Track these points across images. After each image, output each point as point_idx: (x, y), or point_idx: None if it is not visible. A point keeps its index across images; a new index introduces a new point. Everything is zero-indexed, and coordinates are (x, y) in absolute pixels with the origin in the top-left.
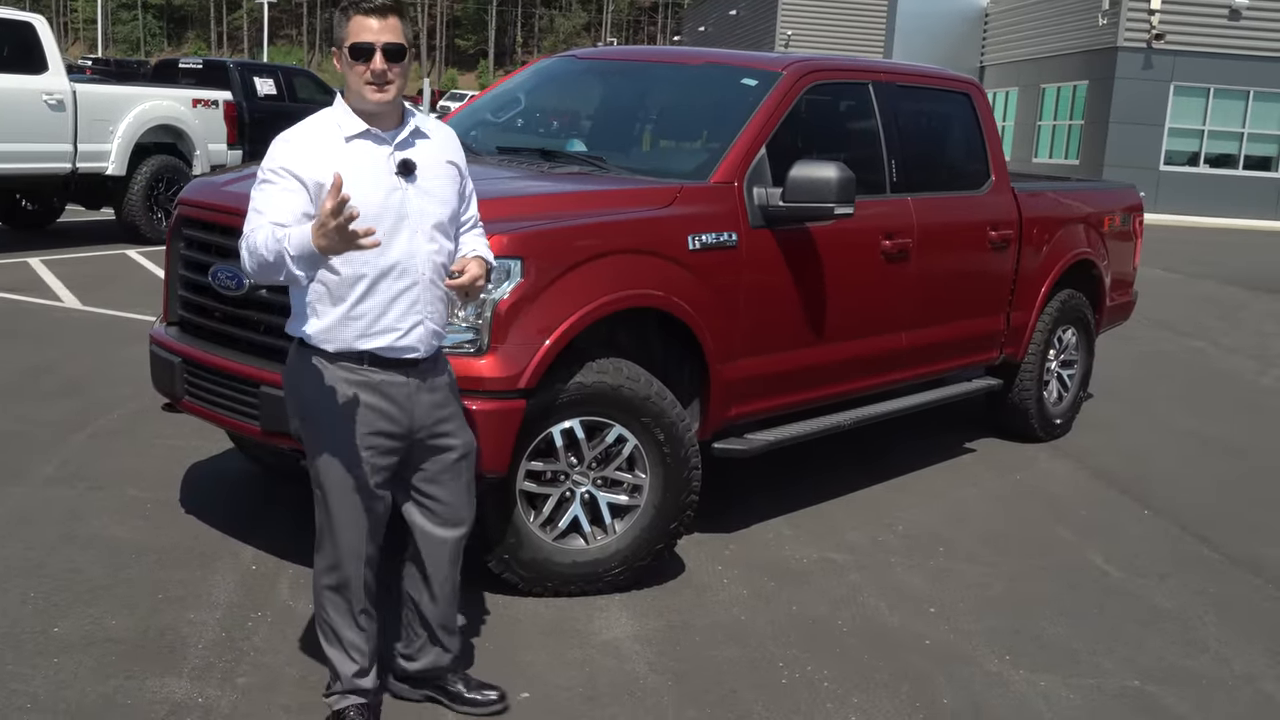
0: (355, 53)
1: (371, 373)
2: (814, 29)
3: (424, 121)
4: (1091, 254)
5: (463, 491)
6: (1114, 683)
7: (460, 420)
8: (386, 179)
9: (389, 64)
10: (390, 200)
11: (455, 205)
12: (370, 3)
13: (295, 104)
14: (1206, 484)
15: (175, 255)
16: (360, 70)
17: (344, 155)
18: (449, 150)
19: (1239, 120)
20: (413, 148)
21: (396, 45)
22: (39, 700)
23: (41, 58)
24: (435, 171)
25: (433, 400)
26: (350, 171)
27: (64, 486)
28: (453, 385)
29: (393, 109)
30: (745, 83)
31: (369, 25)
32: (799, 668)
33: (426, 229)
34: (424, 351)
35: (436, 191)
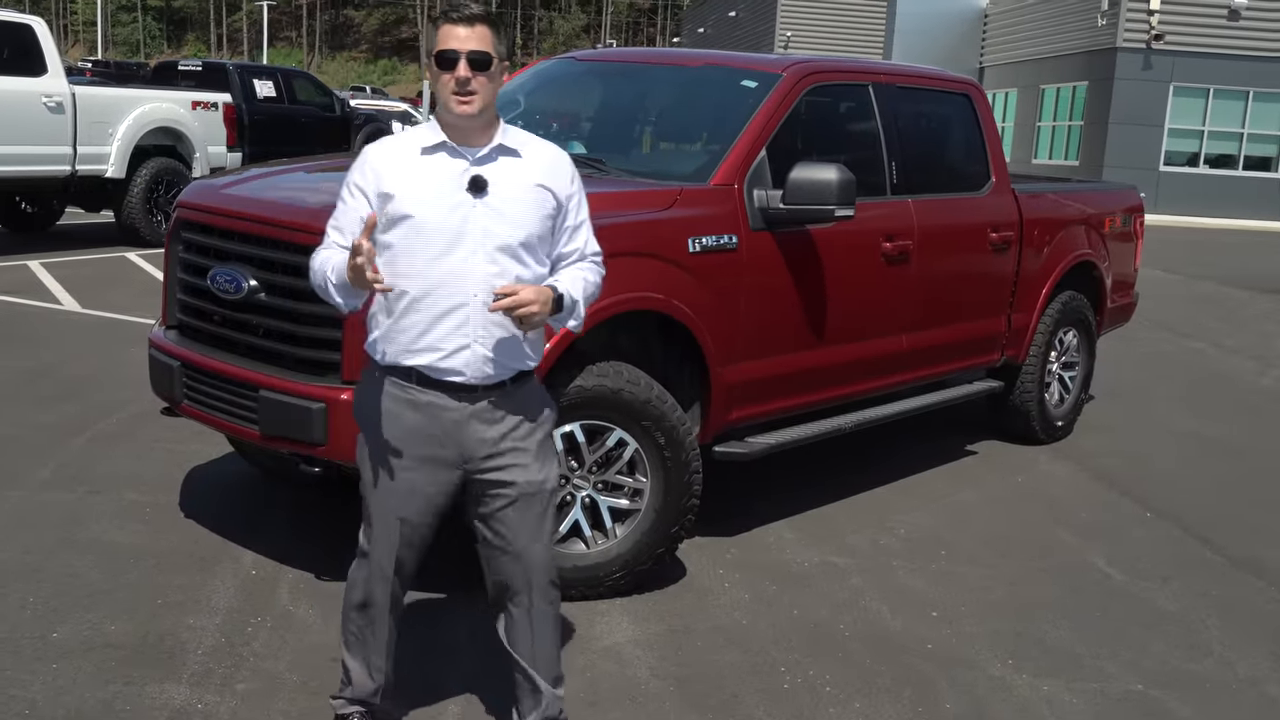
0: (440, 61)
1: (418, 392)
2: (813, 30)
3: (525, 141)
4: (1092, 255)
5: (523, 533)
6: (1117, 687)
7: (527, 460)
8: (453, 194)
9: (474, 73)
10: (452, 216)
11: (534, 230)
12: (459, 11)
13: (294, 106)
14: (1208, 486)
15: (174, 258)
16: (445, 79)
17: (415, 168)
18: (544, 174)
19: (1238, 120)
20: (492, 164)
21: (482, 54)
22: (37, 706)
23: (41, 60)
24: (514, 193)
25: (487, 434)
26: (418, 184)
27: (63, 490)
28: (530, 423)
29: (479, 123)
30: (745, 84)
31: (456, 33)
32: (801, 672)
33: (488, 249)
34: (472, 377)
35: (509, 213)
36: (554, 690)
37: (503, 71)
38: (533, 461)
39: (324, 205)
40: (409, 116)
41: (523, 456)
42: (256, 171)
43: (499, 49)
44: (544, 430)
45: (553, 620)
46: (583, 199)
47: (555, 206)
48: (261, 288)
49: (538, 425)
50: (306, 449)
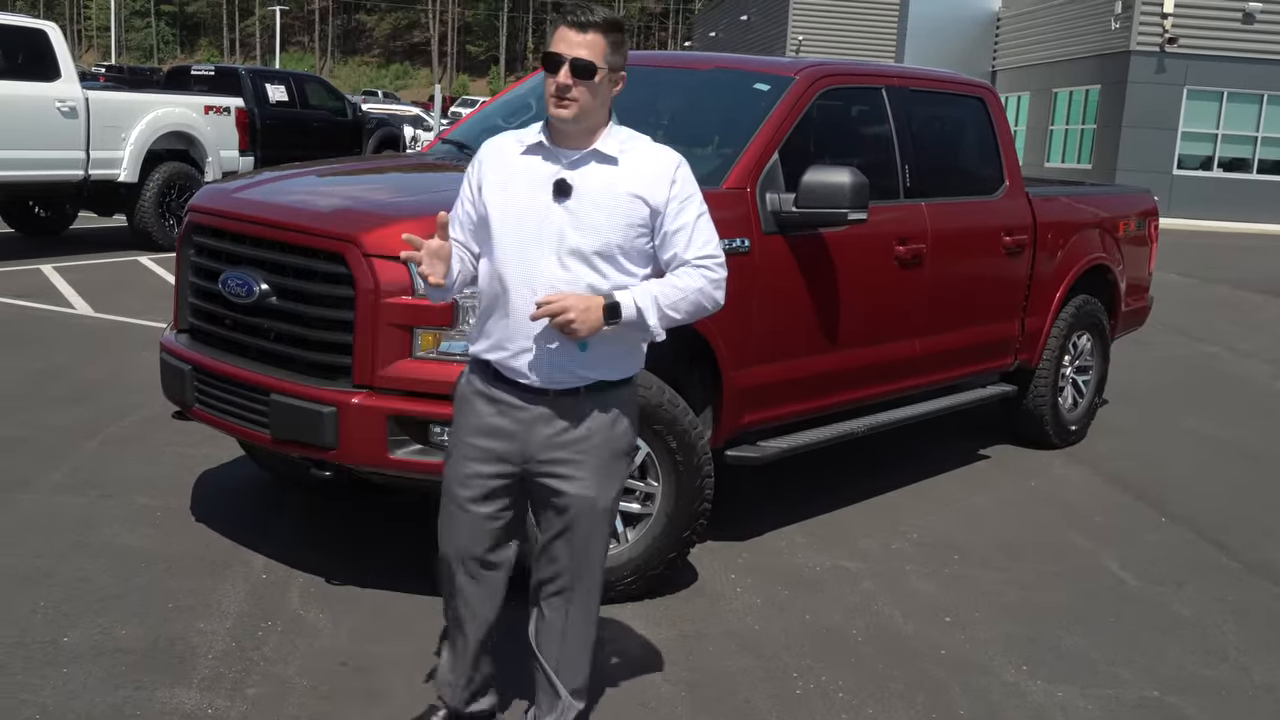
0: (546, 62)
1: (494, 387)
2: (825, 34)
3: (629, 148)
4: (1106, 259)
5: (567, 553)
6: (1132, 693)
7: (584, 475)
8: (538, 195)
9: (574, 79)
10: (533, 218)
11: (613, 240)
12: (576, 15)
13: (306, 111)
14: (1223, 490)
15: (185, 262)
16: (549, 81)
17: (512, 166)
18: (638, 183)
19: (1252, 124)
20: (583, 169)
21: (586, 62)
22: (48, 711)
23: (54, 65)
24: (599, 200)
25: (553, 438)
26: (510, 182)
27: (74, 494)
28: (597, 438)
29: (580, 128)
30: (758, 88)
31: (568, 37)
32: (813, 677)
33: (561, 254)
34: (538, 380)
35: (588, 219)
36: (573, 701)
37: (613, 82)
38: (590, 476)
39: (335, 209)
40: (421, 121)
41: (581, 470)
42: (268, 175)
43: (610, 59)
44: (612, 449)
45: (585, 632)
46: (688, 204)
47: (648, 215)
48: (273, 292)
49: (605, 442)
50: (318, 453)
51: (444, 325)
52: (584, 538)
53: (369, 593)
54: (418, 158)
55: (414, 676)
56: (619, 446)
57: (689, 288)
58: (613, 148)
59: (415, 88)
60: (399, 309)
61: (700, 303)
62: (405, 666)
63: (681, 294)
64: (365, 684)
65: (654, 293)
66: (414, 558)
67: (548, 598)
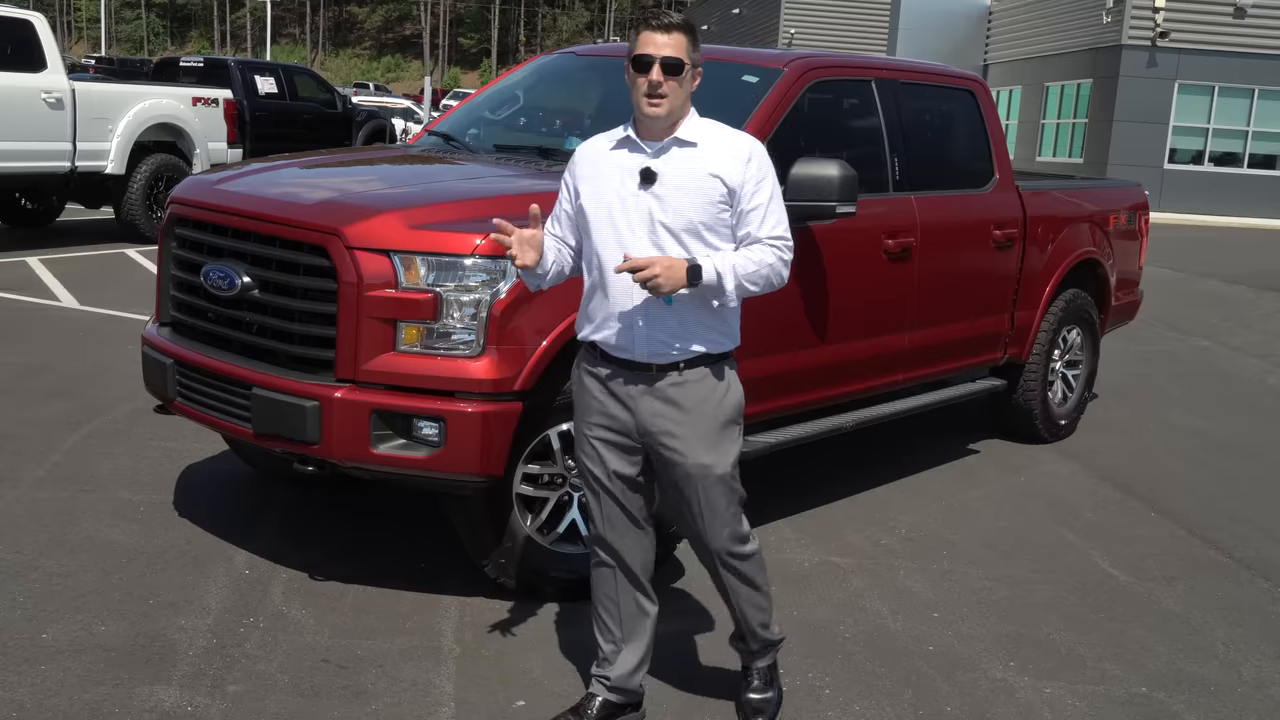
0: (636, 64)
1: (601, 366)
2: (817, 27)
3: (705, 133)
4: (1096, 253)
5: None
6: (1121, 689)
7: (695, 443)
8: (627, 185)
9: (665, 77)
10: (623, 205)
11: (696, 217)
12: (658, 19)
13: (296, 103)
14: (1213, 485)
15: (167, 255)
16: (640, 81)
17: (603, 161)
18: (716, 164)
19: (1244, 118)
20: (665, 156)
21: (675, 60)
22: (25, 709)
23: (40, 56)
24: (681, 182)
25: (659, 408)
26: (602, 176)
27: (56, 488)
28: (703, 407)
29: (664, 121)
30: (746, 80)
31: (654, 39)
32: (800, 674)
33: (653, 234)
34: (639, 355)
35: (673, 201)
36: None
37: (695, 77)
38: (700, 445)
39: (318, 201)
40: (412, 113)
41: (689, 440)
42: (251, 167)
43: (692, 56)
44: (718, 418)
45: (741, 582)
46: (762, 185)
47: (725, 194)
48: (255, 284)
49: (711, 412)
50: (300, 448)
51: (428, 319)
52: (706, 504)
53: (352, 589)
54: (404, 149)
55: (397, 674)
56: (726, 416)
57: (762, 262)
58: (692, 134)
59: (407, 80)
60: (382, 302)
61: (770, 278)
62: (388, 664)
63: (756, 267)
64: (347, 681)
65: (732, 262)
66: (398, 555)
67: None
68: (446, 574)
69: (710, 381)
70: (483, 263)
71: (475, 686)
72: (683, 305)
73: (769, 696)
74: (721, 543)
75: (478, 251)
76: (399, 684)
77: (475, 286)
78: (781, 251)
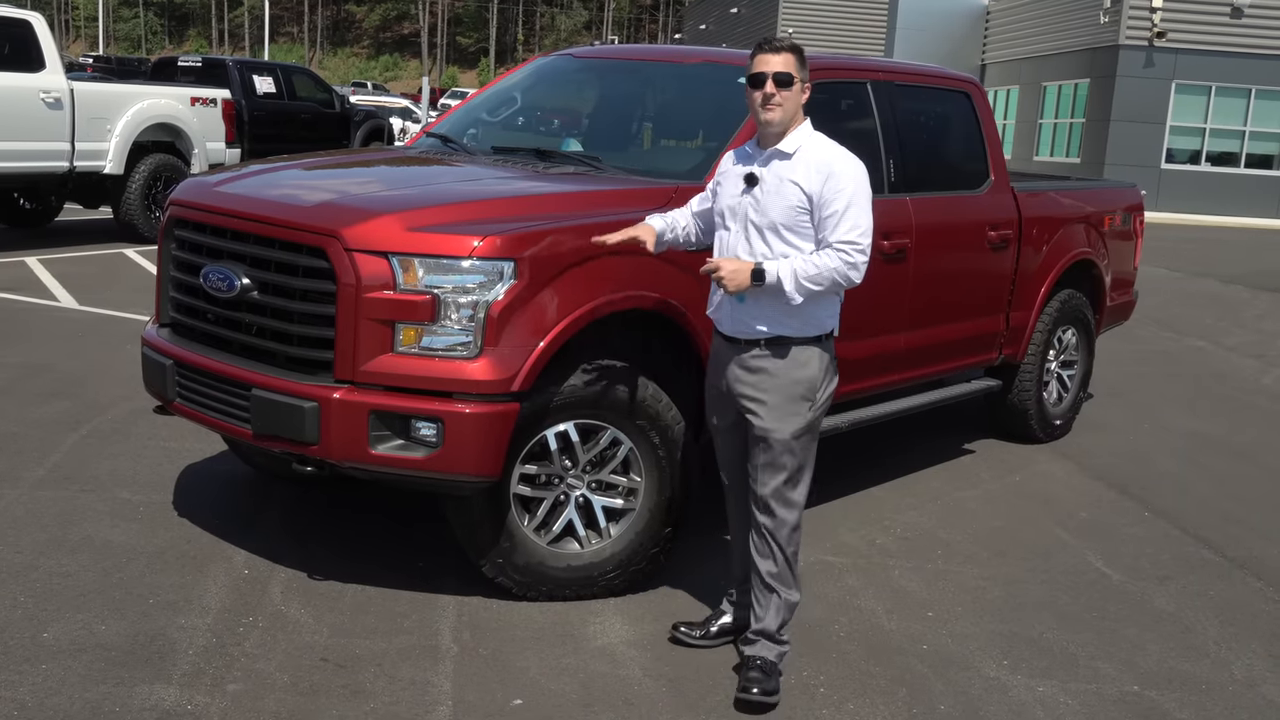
0: (752, 81)
1: (715, 340)
2: (815, 27)
3: (803, 145)
4: (1092, 253)
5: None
6: (1113, 688)
7: (765, 411)
8: (738, 187)
9: (777, 89)
10: (731, 203)
11: (779, 219)
12: (770, 43)
13: (294, 102)
14: (1207, 485)
15: (167, 256)
16: (756, 95)
17: (729, 169)
18: (801, 173)
19: (1240, 118)
20: (765, 165)
21: (785, 74)
22: (26, 708)
23: (39, 56)
24: (772, 186)
25: (740, 374)
26: (725, 180)
27: (56, 488)
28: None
29: (778, 130)
30: (741, 81)
31: (767, 59)
32: (795, 673)
33: (749, 231)
34: (730, 329)
35: (763, 203)
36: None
37: (803, 90)
38: (772, 412)
39: (317, 203)
40: (410, 113)
41: (764, 406)
42: (250, 168)
43: (800, 73)
44: (791, 392)
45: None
46: (839, 194)
47: (804, 199)
48: (254, 286)
49: (785, 385)
50: (299, 448)
51: (425, 320)
52: (772, 463)
53: (351, 589)
54: (401, 151)
55: (395, 673)
56: (798, 392)
57: (826, 266)
58: (791, 145)
59: (405, 79)
60: (381, 304)
61: (835, 280)
62: (386, 663)
63: (818, 270)
64: (346, 680)
65: (795, 267)
66: (396, 555)
67: (756, 513)
68: (444, 573)
69: (785, 358)
70: (480, 264)
71: (473, 685)
72: (758, 297)
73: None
74: (767, 490)
75: (475, 253)
76: (397, 683)
77: (473, 288)
78: (848, 255)
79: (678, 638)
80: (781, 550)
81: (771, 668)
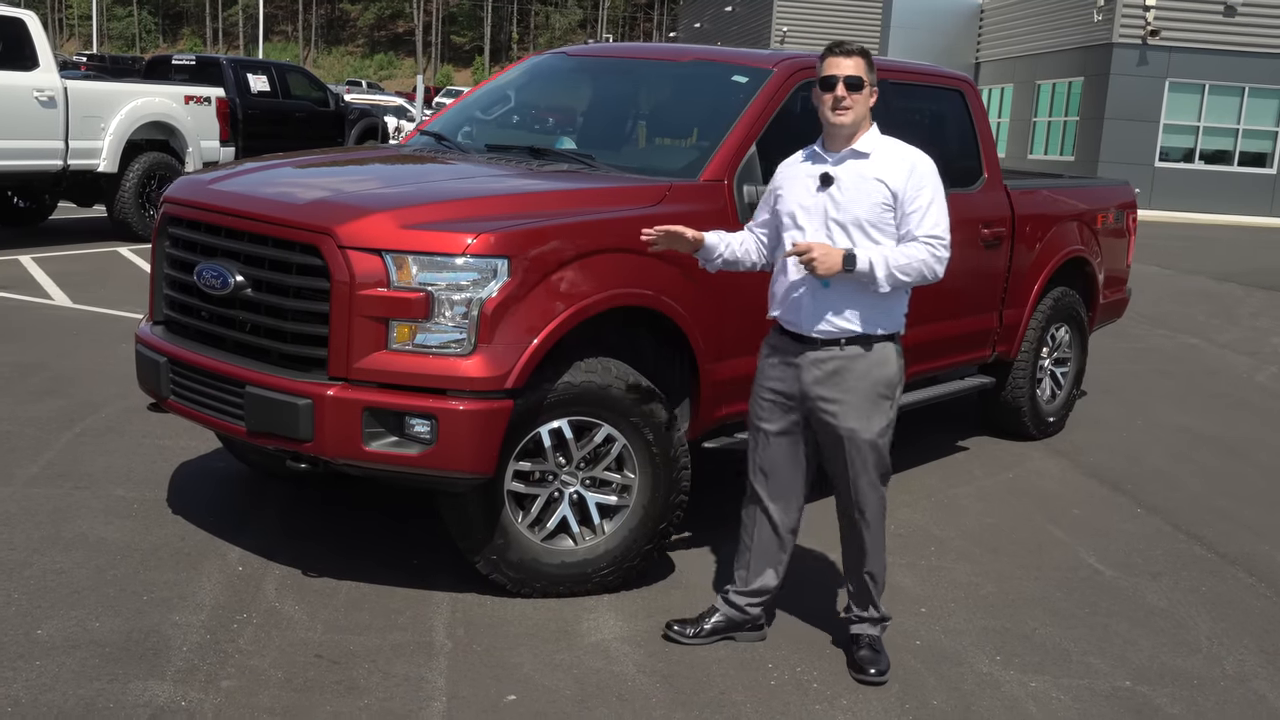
0: (824, 84)
1: (779, 339)
2: (810, 25)
3: (877, 145)
4: (1085, 251)
5: (841, 473)
6: (1105, 683)
7: (849, 412)
8: (810, 186)
9: (848, 92)
10: (804, 203)
11: (864, 216)
12: (841, 47)
13: (288, 101)
14: (1200, 482)
15: (161, 254)
16: (826, 98)
17: (795, 170)
18: (882, 171)
19: (1234, 116)
20: (842, 164)
21: (855, 78)
22: (20, 704)
23: (32, 54)
24: (853, 184)
25: (819, 376)
26: (792, 181)
27: (50, 486)
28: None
29: (848, 132)
30: (735, 80)
31: (839, 63)
32: (788, 668)
33: (827, 227)
34: (807, 328)
35: (845, 201)
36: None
37: (871, 94)
38: (853, 412)
39: (310, 201)
40: (404, 111)
41: (844, 406)
42: (244, 166)
43: (869, 76)
44: (871, 391)
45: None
46: (923, 190)
47: (889, 196)
48: (248, 283)
49: (865, 384)
50: (293, 445)
51: (419, 318)
52: (856, 465)
53: (345, 585)
54: (395, 149)
55: (389, 669)
56: (878, 390)
57: (914, 257)
58: (866, 146)
59: (399, 78)
60: (374, 301)
61: (923, 271)
62: (380, 659)
63: (908, 260)
64: (340, 676)
65: (885, 254)
66: (390, 551)
67: (843, 521)
68: (439, 570)
69: (866, 357)
70: (474, 262)
71: (467, 681)
72: (842, 289)
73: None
74: (860, 488)
75: (469, 250)
76: (391, 679)
77: (466, 285)
78: (935, 249)
79: (671, 636)
80: (879, 536)
81: (879, 643)
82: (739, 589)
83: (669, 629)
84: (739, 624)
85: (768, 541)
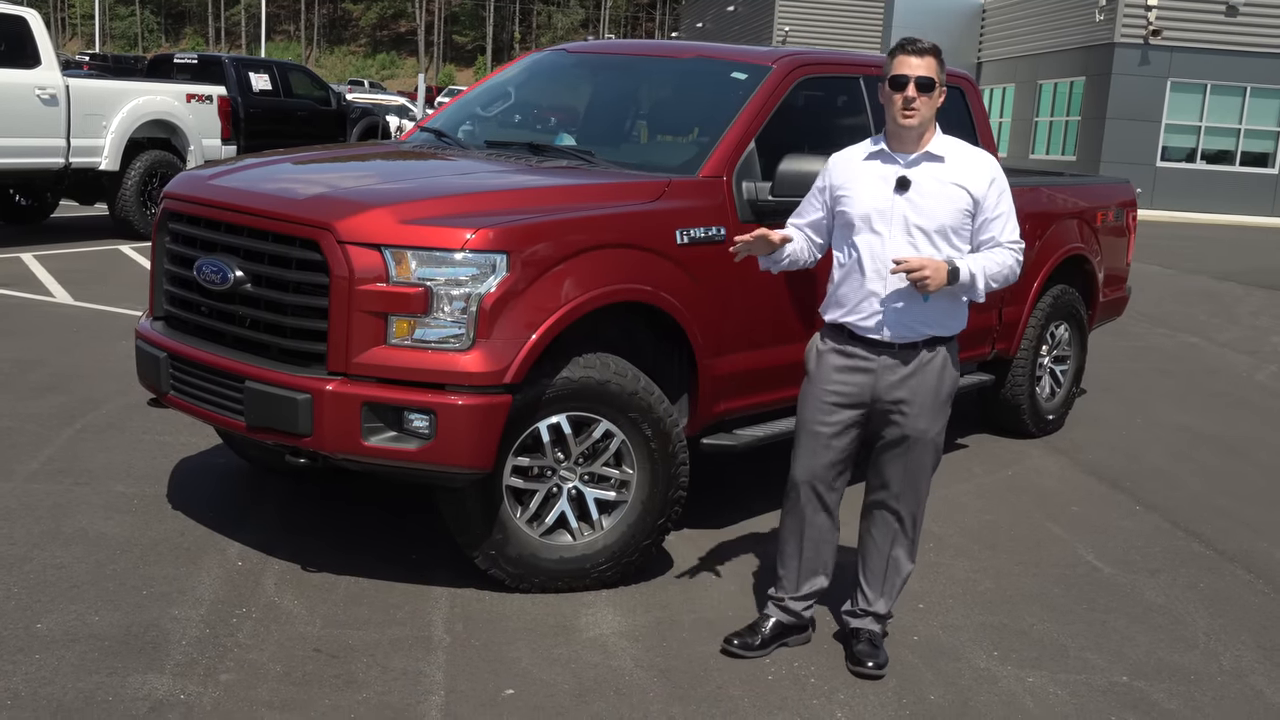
0: (893, 83)
1: (847, 345)
2: (811, 24)
3: (951, 149)
4: (1084, 249)
5: (900, 472)
6: (1102, 679)
7: (919, 412)
8: (883, 190)
9: (919, 94)
10: (879, 206)
11: (946, 221)
12: (913, 45)
13: (290, 100)
14: (1199, 480)
15: (161, 249)
16: (895, 98)
17: (859, 170)
18: (962, 176)
19: (1235, 116)
20: (917, 168)
21: (927, 79)
22: (20, 697)
23: (35, 52)
24: (931, 189)
25: (896, 382)
26: (858, 182)
27: (50, 481)
28: (931, 382)
29: (916, 134)
30: (735, 76)
31: (909, 62)
32: (786, 664)
33: (909, 233)
34: (888, 335)
35: (924, 205)
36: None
37: (941, 95)
38: (923, 413)
39: (310, 196)
40: (406, 111)
41: (916, 408)
42: (244, 162)
43: (940, 76)
44: (940, 391)
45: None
46: (1003, 197)
47: (971, 202)
48: (247, 278)
49: (936, 385)
50: (292, 440)
51: (418, 313)
52: (918, 464)
53: (344, 580)
54: (395, 145)
55: (388, 663)
56: (946, 390)
57: (1004, 263)
58: (940, 149)
59: (402, 77)
60: (373, 296)
61: (1008, 276)
62: (379, 653)
63: (999, 268)
64: (339, 670)
65: (982, 263)
66: (389, 546)
67: (879, 518)
68: (437, 565)
69: (940, 360)
70: (473, 257)
71: (465, 675)
72: (934, 297)
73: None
74: (913, 486)
75: (468, 246)
76: (390, 673)
77: (465, 280)
78: (1017, 254)
79: (732, 651)
80: (917, 533)
81: (880, 639)
82: (792, 594)
83: (728, 644)
84: (791, 629)
85: (816, 544)
